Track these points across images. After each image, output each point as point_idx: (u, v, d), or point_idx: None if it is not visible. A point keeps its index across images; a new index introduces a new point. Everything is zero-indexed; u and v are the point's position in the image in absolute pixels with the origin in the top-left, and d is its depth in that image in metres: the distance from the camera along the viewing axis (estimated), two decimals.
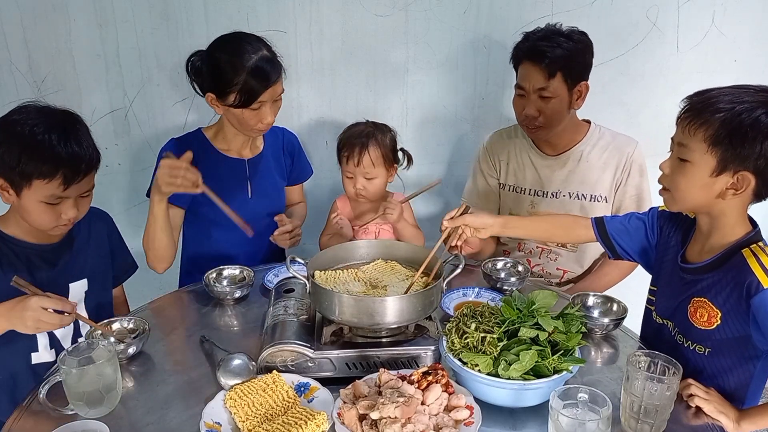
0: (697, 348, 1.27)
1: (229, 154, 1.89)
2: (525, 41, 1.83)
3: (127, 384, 1.27)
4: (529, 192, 2.00)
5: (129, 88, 2.19)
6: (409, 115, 2.36)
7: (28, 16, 2.05)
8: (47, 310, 1.26)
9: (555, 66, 1.76)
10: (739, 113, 1.10)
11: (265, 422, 1.11)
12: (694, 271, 1.27)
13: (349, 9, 2.18)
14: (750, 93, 1.14)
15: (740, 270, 1.16)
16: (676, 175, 1.20)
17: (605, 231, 1.47)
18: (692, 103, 1.18)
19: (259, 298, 1.64)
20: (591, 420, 1.01)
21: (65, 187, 1.33)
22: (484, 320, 1.22)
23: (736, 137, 1.10)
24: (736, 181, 1.15)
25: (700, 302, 1.24)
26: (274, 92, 1.71)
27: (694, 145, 1.15)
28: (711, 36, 2.24)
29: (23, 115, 1.32)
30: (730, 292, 1.19)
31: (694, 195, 1.19)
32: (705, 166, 1.15)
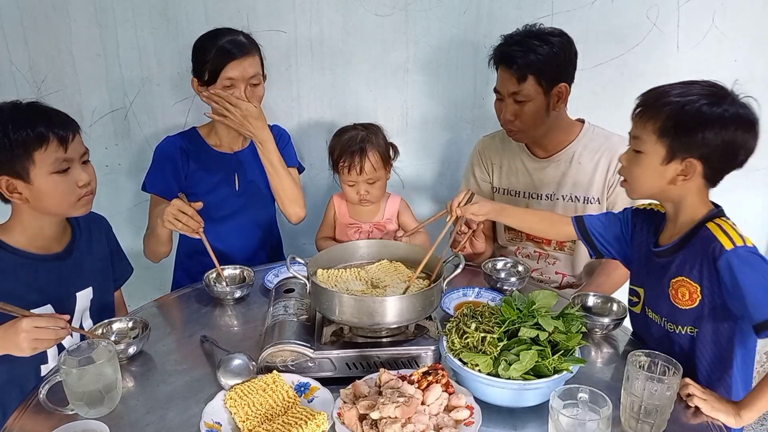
0: (688, 330, 1.31)
1: (220, 149, 1.94)
2: (500, 45, 1.82)
3: (127, 384, 1.27)
4: (522, 195, 1.99)
5: (129, 88, 2.19)
6: (409, 115, 2.36)
7: (28, 16, 2.05)
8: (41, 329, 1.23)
9: (525, 70, 1.74)
10: (683, 105, 1.20)
11: (265, 422, 1.11)
12: (665, 253, 1.34)
13: (349, 9, 2.18)
14: (697, 87, 1.23)
15: (706, 240, 1.24)
16: (632, 166, 1.30)
17: (585, 228, 1.54)
18: (645, 98, 1.28)
19: (259, 298, 1.64)
20: (591, 420, 1.01)
21: (64, 147, 1.35)
22: (484, 320, 1.22)
23: (681, 127, 1.21)
24: (684, 168, 1.24)
25: (679, 281, 1.30)
26: (245, 71, 1.75)
27: (645, 136, 1.26)
28: (711, 36, 2.24)
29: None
30: (702, 263, 1.25)
31: (648, 182, 1.29)
32: (656, 155, 1.25)
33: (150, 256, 1.85)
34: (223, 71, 1.74)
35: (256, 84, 1.80)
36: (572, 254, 1.97)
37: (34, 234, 1.42)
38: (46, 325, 1.23)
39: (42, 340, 1.24)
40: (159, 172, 1.88)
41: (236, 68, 1.74)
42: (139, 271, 1.80)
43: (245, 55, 1.76)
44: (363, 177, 1.85)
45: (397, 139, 1.99)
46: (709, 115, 1.19)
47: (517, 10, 2.21)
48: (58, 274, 1.45)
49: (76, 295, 1.49)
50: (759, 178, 2.46)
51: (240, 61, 1.74)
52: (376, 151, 1.85)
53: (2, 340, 1.24)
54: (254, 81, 1.79)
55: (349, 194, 1.91)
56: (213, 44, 1.75)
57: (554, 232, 1.69)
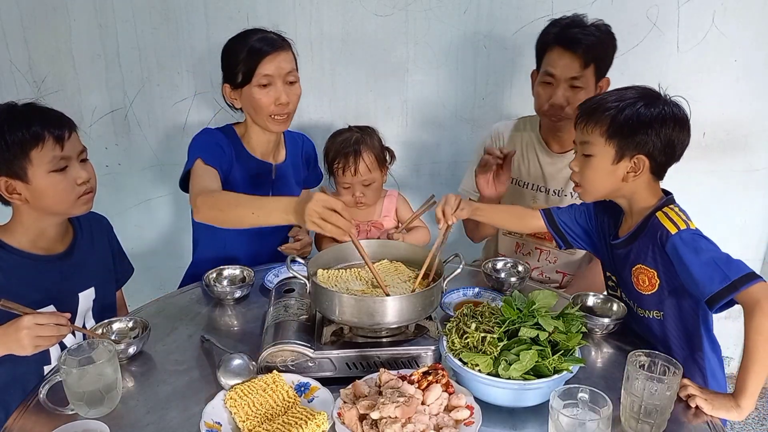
0: (654, 314, 1.41)
1: (255, 155, 1.87)
2: (554, 27, 1.77)
3: (127, 384, 1.27)
4: (530, 187, 1.98)
5: (129, 88, 2.20)
6: (409, 115, 2.36)
7: (28, 16, 2.05)
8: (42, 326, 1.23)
9: (590, 55, 1.70)
10: (623, 108, 1.32)
11: (265, 422, 1.11)
12: (622, 244, 1.43)
13: (349, 9, 2.18)
14: (631, 91, 1.36)
15: (655, 228, 1.34)
16: (584, 170, 1.39)
17: (554, 221, 1.61)
18: (584, 108, 1.39)
19: (259, 298, 1.64)
20: (591, 420, 1.01)
21: (60, 145, 1.34)
22: (484, 320, 1.22)
23: (625, 128, 1.31)
24: (633, 165, 1.34)
25: (638, 269, 1.40)
26: (280, 66, 1.70)
27: (593, 140, 1.35)
28: (711, 36, 2.24)
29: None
30: (654, 250, 1.35)
31: (601, 182, 1.39)
32: (606, 156, 1.35)
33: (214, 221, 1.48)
34: (258, 68, 1.68)
35: (293, 81, 1.75)
36: (573, 253, 1.97)
37: (35, 235, 1.41)
38: (47, 322, 1.24)
39: (44, 337, 1.24)
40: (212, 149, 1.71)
41: (271, 63, 1.68)
42: (139, 271, 1.80)
43: (279, 50, 1.70)
44: (358, 178, 1.84)
45: (397, 139, 2.00)
46: (647, 115, 1.31)
47: (517, 10, 2.21)
48: (60, 274, 1.45)
49: (78, 296, 1.49)
50: (759, 178, 2.46)
51: (274, 56, 1.69)
52: (371, 153, 1.84)
53: (4, 338, 1.24)
54: (291, 78, 1.74)
55: (345, 197, 1.89)
56: (243, 44, 1.70)
57: (523, 225, 1.70)
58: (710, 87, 2.30)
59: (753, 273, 1.21)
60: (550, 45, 1.77)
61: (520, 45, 2.25)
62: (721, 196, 2.44)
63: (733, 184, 2.44)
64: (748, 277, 1.20)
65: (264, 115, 1.74)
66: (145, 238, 2.43)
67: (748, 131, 2.38)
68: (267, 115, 1.74)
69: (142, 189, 2.37)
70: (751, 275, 1.20)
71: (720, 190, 2.43)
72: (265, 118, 1.75)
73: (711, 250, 1.26)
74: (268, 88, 1.70)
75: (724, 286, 1.20)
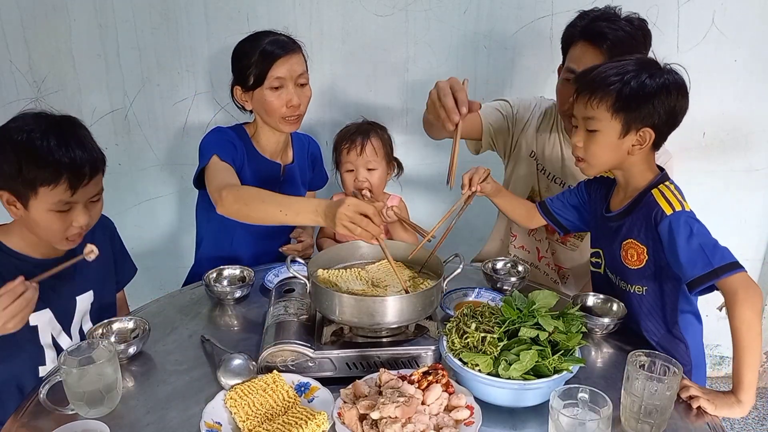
0: (636, 289, 1.44)
1: (265, 155, 1.88)
2: (581, 19, 1.65)
3: (128, 384, 1.27)
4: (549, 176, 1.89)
5: (129, 88, 2.20)
6: (409, 115, 2.36)
7: (28, 16, 2.05)
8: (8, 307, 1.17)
9: (617, 51, 1.56)
10: (628, 81, 1.29)
11: (265, 422, 1.11)
12: (616, 217, 1.45)
13: (349, 9, 2.18)
14: (628, 63, 1.33)
15: (650, 206, 1.35)
16: (589, 145, 1.37)
17: (548, 210, 1.64)
18: (584, 82, 1.36)
19: (259, 298, 1.64)
20: (591, 420, 1.01)
21: (72, 191, 1.30)
22: (484, 320, 1.22)
23: (632, 101, 1.30)
24: (639, 138, 1.34)
25: (628, 243, 1.41)
26: (292, 69, 1.72)
27: (600, 115, 1.33)
28: (711, 36, 2.24)
29: (19, 122, 1.30)
30: (647, 227, 1.36)
31: (607, 157, 1.38)
32: (612, 131, 1.34)
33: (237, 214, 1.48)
34: (270, 71, 1.69)
35: (304, 84, 1.77)
36: (574, 251, 1.96)
37: (33, 240, 1.40)
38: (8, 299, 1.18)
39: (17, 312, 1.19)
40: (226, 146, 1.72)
41: (283, 66, 1.70)
42: (139, 272, 1.80)
43: (291, 52, 1.72)
44: (363, 159, 1.85)
45: (397, 139, 1.99)
46: (652, 86, 1.29)
47: (517, 10, 2.21)
48: (58, 278, 1.42)
49: (76, 299, 1.48)
50: (759, 178, 2.46)
51: (287, 58, 1.70)
52: (379, 139, 1.87)
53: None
54: (302, 80, 1.75)
55: (347, 181, 1.90)
56: (255, 47, 1.70)
57: (529, 220, 1.70)
58: (710, 87, 2.30)
59: (736, 262, 1.23)
60: (575, 39, 1.66)
61: (520, 45, 2.25)
62: (721, 196, 2.44)
63: (734, 184, 2.44)
64: (730, 265, 1.22)
65: (276, 117, 1.76)
66: (145, 238, 2.43)
67: (749, 131, 2.38)
68: (279, 116, 1.75)
69: (142, 189, 2.37)
70: (733, 264, 1.23)
71: (720, 190, 2.42)
72: (277, 120, 1.77)
73: (701, 235, 1.28)
74: (279, 91, 1.72)
75: (705, 272, 1.24)
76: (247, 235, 1.88)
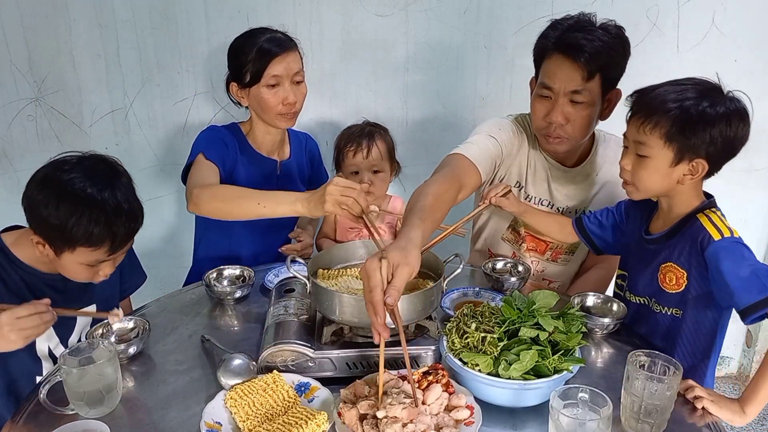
0: (674, 311, 1.40)
1: (262, 152, 1.89)
2: (554, 30, 1.53)
3: (128, 384, 1.27)
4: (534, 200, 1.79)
5: (129, 88, 2.20)
6: (408, 114, 2.36)
7: (28, 16, 2.05)
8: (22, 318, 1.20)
9: (595, 64, 1.47)
10: (687, 109, 1.23)
11: (265, 422, 1.11)
12: (656, 240, 1.41)
13: (349, 9, 2.18)
14: (689, 89, 1.26)
15: (696, 230, 1.31)
16: (638, 170, 1.32)
17: (584, 228, 1.60)
18: (641, 104, 1.30)
19: (260, 298, 1.64)
20: (591, 420, 1.01)
21: (110, 253, 1.30)
22: (484, 320, 1.22)
23: (688, 130, 1.24)
24: (691, 168, 1.29)
25: (668, 267, 1.37)
26: (288, 67, 1.73)
27: (652, 142, 1.28)
28: (711, 36, 2.24)
29: (70, 174, 1.26)
30: (690, 252, 1.33)
31: (656, 184, 1.33)
32: (664, 159, 1.28)
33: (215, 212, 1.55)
34: (267, 69, 1.70)
35: (300, 81, 1.78)
36: (565, 265, 1.89)
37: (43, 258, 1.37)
38: (27, 313, 1.21)
39: (29, 328, 1.21)
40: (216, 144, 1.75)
41: (280, 64, 1.71)
42: None
43: (287, 50, 1.73)
44: (369, 161, 1.85)
45: (397, 139, 1.99)
46: (713, 115, 1.22)
47: (517, 10, 2.21)
48: (60, 291, 1.43)
49: None
50: (759, 178, 2.46)
51: (283, 56, 1.71)
52: (384, 142, 1.88)
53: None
54: (297, 78, 1.76)
55: None
56: (252, 44, 1.71)
57: (562, 235, 1.69)
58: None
59: None
60: (548, 51, 1.54)
61: (520, 45, 2.25)
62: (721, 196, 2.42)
63: (734, 183, 2.44)
64: None
65: (272, 114, 1.77)
66: (146, 238, 2.41)
67: None
68: (275, 113, 1.76)
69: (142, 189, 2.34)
70: None
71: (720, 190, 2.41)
72: (273, 117, 1.78)
73: (752, 261, 1.24)
74: (276, 88, 1.73)
75: (762, 298, 1.18)
76: (245, 234, 1.88)
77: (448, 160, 1.59)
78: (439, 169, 1.55)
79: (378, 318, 1.03)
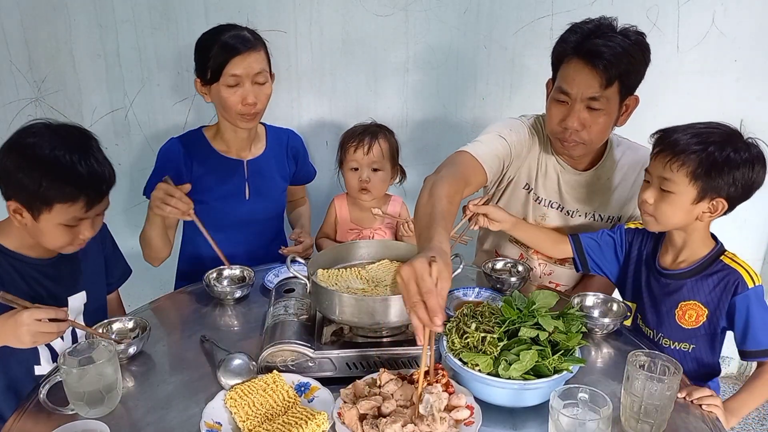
0: (682, 347, 1.47)
1: (228, 154, 1.87)
2: (573, 34, 1.51)
3: (128, 384, 1.27)
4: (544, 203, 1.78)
5: (129, 88, 2.20)
6: (409, 115, 2.36)
7: (28, 16, 2.05)
8: (42, 321, 1.23)
9: (614, 71, 1.45)
10: (713, 152, 1.32)
11: (265, 422, 1.11)
12: (677, 276, 1.46)
13: (349, 9, 2.18)
14: (713, 133, 1.35)
15: (728, 273, 1.39)
16: (661, 204, 1.39)
17: (581, 246, 1.63)
18: (668, 143, 1.37)
19: (260, 298, 1.64)
20: (591, 420, 1.01)
21: (87, 209, 1.31)
22: (484, 320, 1.22)
23: (714, 171, 1.32)
24: (711, 206, 1.36)
25: (689, 305, 1.43)
26: (249, 67, 1.69)
27: (677, 179, 1.35)
28: (711, 36, 2.24)
29: (38, 138, 1.29)
30: (715, 291, 1.40)
31: (677, 219, 1.40)
32: (687, 196, 1.35)
33: (149, 257, 1.81)
34: (226, 68, 1.66)
35: (263, 82, 1.73)
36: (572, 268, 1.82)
37: (31, 241, 1.40)
38: (46, 316, 1.23)
39: (42, 333, 1.24)
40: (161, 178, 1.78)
41: (240, 64, 1.67)
42: (139, 271, 1.80)
43: (249, 50, 1.68)
44: (369, 159, 1.85)
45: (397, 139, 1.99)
46: (737, 159, 1.32)
47: (517, 10, 2.21)
48: (51, 277, 1.44)
49: (68, 299, 1.48)
50: None
51: (244, 56, 1.67)
52: (387, 142, 1.89)
53: (4, 329, 1.24)
54: (260, 79, 1.71)
55: (350, 180, 1.90)
56: (215, 41, 1.68)
57: (556, 250, 1.71)
58: (710, 87, 2.30)
59: None
60: (567, 56, 1.51)
61: (520, 45, 2.25)
62: None
63: None
64: None
65: (232, 113, 1.75)
66: None
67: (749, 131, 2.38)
68: (234, 113, 1.74)
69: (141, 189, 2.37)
70: None
71: None
72: (233, 116, 1.75)
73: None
74: (235, 88, 1.70)
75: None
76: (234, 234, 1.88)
77: (455, 158, 1.59)
78: (446, 166, 1.54)
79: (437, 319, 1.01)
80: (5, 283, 1.36)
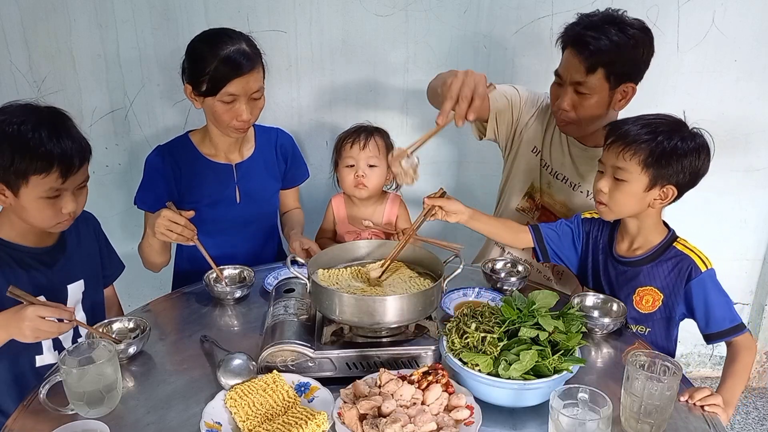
0: (639, 329, 1.54)
1: (217, 159, 1.85)
2: (574, 25, 1.66)
3: (128, 384, 1.27)
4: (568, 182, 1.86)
5: (129, 88, 2.20)
6: (409, 115, 2.36)
7: (28, 16, 2.05)
8: (45, 319, 1.24)
9: (596, 60, 1.58)
10: (662, 141, 1.39)
11: (265, 422, 1.11)
12: (633, 263, 1.53)
13: (349, 9, 2.18)
14: (661, 123, 1.42)
15: (681, 259, 1.46)
16: (615, 193, 1.45)
17: (541, 236, 1.66)
18: (618, 134, 1.44)
19: (259, 298, 1.64)
20: (591, 420, 1.01)
21: (63, 179, 1.33)
22: (484, 320, 1.22)
23: (663, 159, 1.39)
24: (662, 193, 1.43)
25: (646, 290, 1.51)
26: (248, 86, 1.66)
27: (630, 168, 1.41)
28: (711, 36, 2.24)
29: (8, 115, 1.31)
30: (670, 277, 1.48)
31: (630, 206, 1.47)
32: (639, 184, 1.42)
33: (149, 266, 1.80)
34: (225, 87, 1.63)
35: (258, 98, 1.72)
36: None
37: (23, 229, 1.42)
38: (50, 315, 1.24)
39: (46, 332, 1.25)
40: (150, 188, 1.81)
41: (239, 84, 1.64)
42: (139, 271, 1.80)
43: (251, 70, 1.65)
44: (365, 154, 1.85)
45: (397, 140, 1.99)
46: (684, 147, 1.40)
47: (517, 10, 2.21)
48: (49, 266, 1.46)
49: (67, 288, 1.49)
50: (759, 178, 2.46)
51: (246, 77, 1.64)
52: (382, 139, 1.89)
53: (8, 323, 1.25)
54: (256, 96, 1.70)
55: (346, 177, 1.88)
56: (214, 54, 1.62)
57: (515, 240, 1.71)
58: (710, 87, 2.30)
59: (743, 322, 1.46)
60: (565, 44, 1.68)
61: (520, 45, 2.25)
62: (721, 196, 2.44)
63: (734, 183, 2.44)
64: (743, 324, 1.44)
65: (223, 126, 1.73)
66: None
67: (749, 131, 2.38)
68: (226, 126, 1.73)
69: None
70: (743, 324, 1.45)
71: (720, 190, 2.42)
72: (224, 128, 1.74)
73: (725, 293, 1.45)
74: (231, 104, 1.67)
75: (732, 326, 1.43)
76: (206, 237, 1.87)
77: None
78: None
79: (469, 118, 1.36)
80: (6, 274, 1.37)
